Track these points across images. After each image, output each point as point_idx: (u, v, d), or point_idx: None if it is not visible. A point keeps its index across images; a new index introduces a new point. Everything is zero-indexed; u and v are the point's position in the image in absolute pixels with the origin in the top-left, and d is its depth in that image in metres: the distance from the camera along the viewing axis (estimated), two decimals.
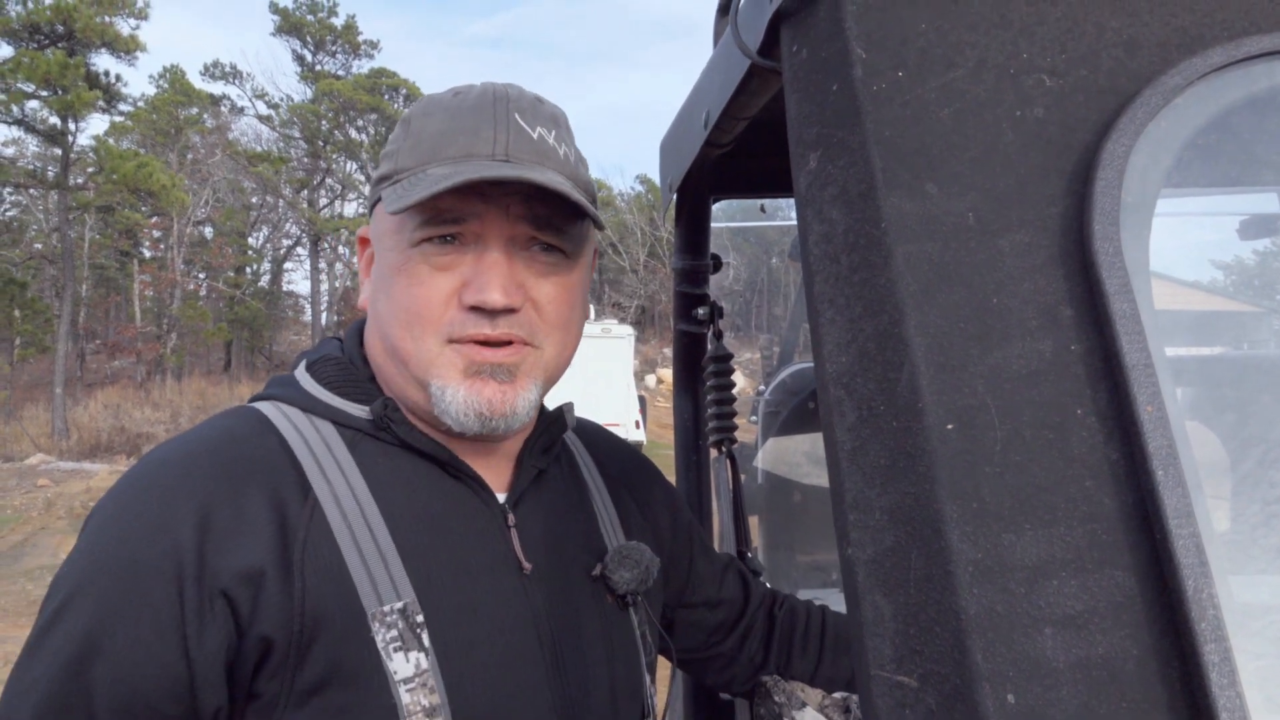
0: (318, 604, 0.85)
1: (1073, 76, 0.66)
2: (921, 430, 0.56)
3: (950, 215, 0.61)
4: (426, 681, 0.86)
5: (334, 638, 0.84)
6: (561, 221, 0.95)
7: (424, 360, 0.93)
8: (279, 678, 0.83)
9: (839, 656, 1.29)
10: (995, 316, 0.59)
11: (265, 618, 0.83)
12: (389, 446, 0.96)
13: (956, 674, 0.51)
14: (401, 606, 0.87)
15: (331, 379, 0.99)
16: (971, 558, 0.52)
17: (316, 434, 0.94)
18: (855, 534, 0.59)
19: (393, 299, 0.94)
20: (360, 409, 0.96)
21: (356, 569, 0.87)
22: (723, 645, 1.29)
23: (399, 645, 0.86)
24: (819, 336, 0.66)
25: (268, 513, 0.86)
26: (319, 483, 0.90)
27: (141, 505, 0.85)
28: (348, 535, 0.88)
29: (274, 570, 0.84)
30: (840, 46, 0.68)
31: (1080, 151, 0.63)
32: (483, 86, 0.97)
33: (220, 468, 0.87)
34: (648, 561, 1.07)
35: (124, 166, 21.46)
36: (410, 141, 0.94)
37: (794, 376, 1.98)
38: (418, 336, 0.93)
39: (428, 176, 0.90)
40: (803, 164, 0.70)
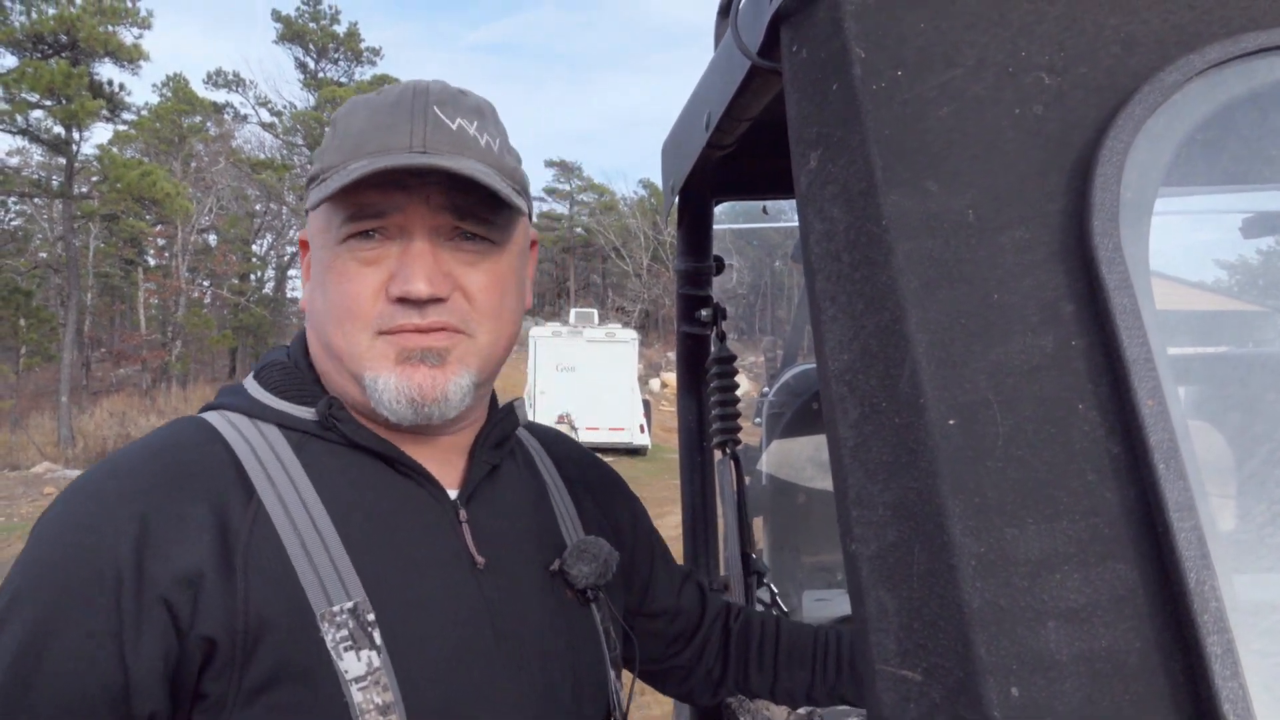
0: (261, 604, 0.85)
1: (1071, 74, 0.66)
2: (924, 426, 0.56)
3: (950, 212, 0.62)
4: (379, 679, 0.86)
5: (280, 637, 0.85)
6: (485, 210, 0.95)
7: (356, 354, 0.94)
8: (225, 678, 0.84)
9: (795, 669, 1.29)
10: (996, 312, 0.59)
11: (206, 619, 0.83)
12: (335, 446, 0.96)
13: (960, 668, 0.51)
14: (351, 606, 0.87)
15: (277, 383, 0.99)
16: (974, 552, 0.53)
17: (262, 438, 0.94)
18: (858, 530, 0.59)
19: (326, 297, 0.95)
20: (305, 410, 0.97)
21: (303, 569, 0.87)
22: (680, 657, 1.30)
23: (350, 644, 0.86)
24: (821, 334, 0.66)
25: (208, 517, 0.87)
26: (263, 485, 0.90)
27: (82, 514, 0.86)
28: (294, 536, 0.89)
29: (214, 572, 0.84)
30: (839, 46, 0.68)
31: (1079, 149, 0.63)
32: (404, 83, 0.99)
33: (161, 476, 0.88)
34: (606, 555, 1.08)
35: (128, 175, 21.52)
36: (336, 140, 0.95)
37: (797, 378, 1.98)
38: (349, 332, 0.94)
39: (348, 171, 0.91)
40: (803, 163, 0.71)
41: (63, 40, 21.64)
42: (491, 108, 1.02)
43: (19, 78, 20.56)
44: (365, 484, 0.95)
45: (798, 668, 1.29)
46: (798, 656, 1.29)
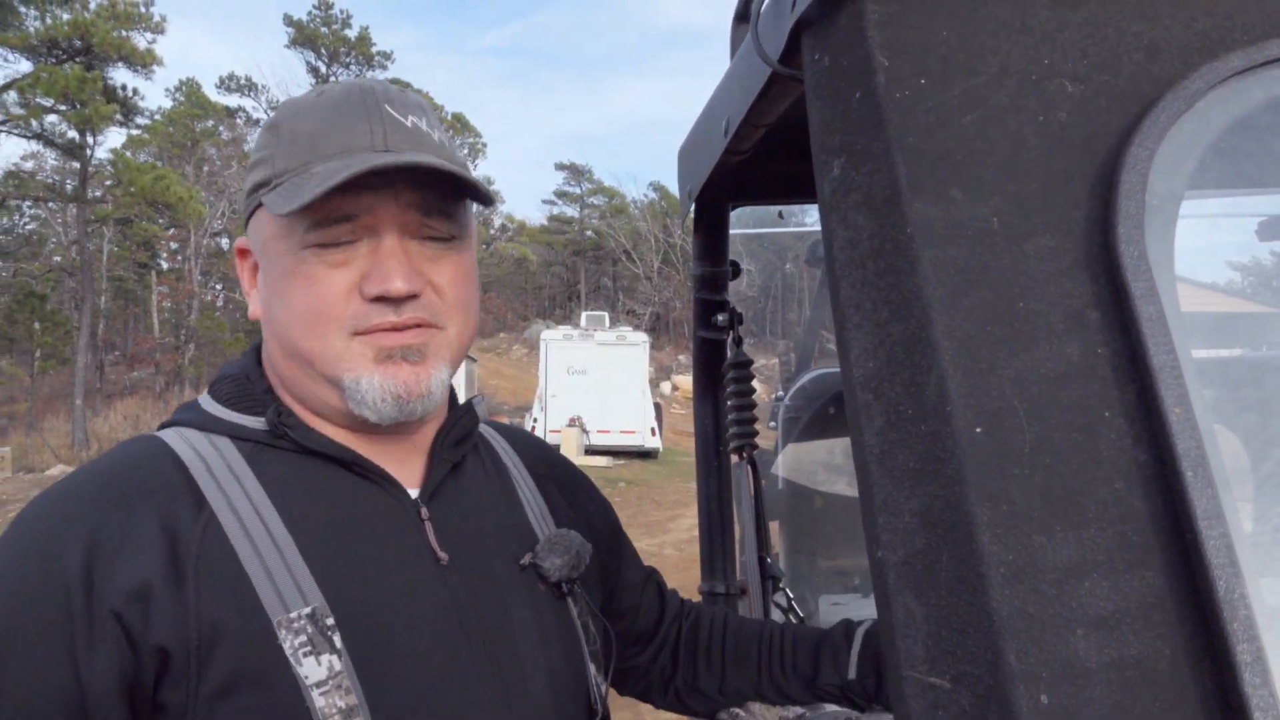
0: (214, 612, 0.85)
1: (1094, 82, 0.66)
2: (950, 433, 0.56)
3: (975, 220, 0.62)
4: (341, 683, 0.86)
5: (235, 644, 0.85)
6: (448, 205, 0.96)
7: (331, 357, 0.93)
8: (182, 687, 0.85)
9: (740, 669, 1.29)
10: (1022, 320, 0.59)
11: (158, 630, 0.84)
12: (287, 454, 0.96)
13: (990, 675, 0.51)
14: (309, 611, 0.88)
15: (228, 396, 1.00)
16: (1003, 559, 0.53)
17: (214, 450, 0.95)
18: (885, 536, 0.59)
19: (290, 303, 0.94)
20: (256, 420, 0.97)
21: (258, 577, 0.88)
22: (639, 658, 1.30)
23: (309, 650, 0.86)
24: (846, 341, 0.66)
25: (156, 530, 0.87)
26: (214, 496, 0.90)
27: (32, 534, 0.87)
28: (247, 544, 0.89)
29: (162, 583, 0.85)
30: (862, 54, 0.68)
31: (1103, 156, 0.63)
32: (345, 83, 0.99)
33: (109, 493, 0.89)
34: (578, 547, 1.08)
35: (142, 179, 21.63)
36: (284, 145, 0.95)
37: (814, 382, 1.98)
38: (322, 335, 0.93)
39: (314, 175, 0.90)
40: (826, 171, 0.71)
41: (77, 45, 21.77)
42: (429, 105, 1.03)
43: (34, 83, 20.68)
44: (320, 489, 0.95)
45: (744, 666, 1.29)
46: (742, 656, 1.29)
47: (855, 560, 1.95)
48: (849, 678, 1.23)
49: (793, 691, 1.27)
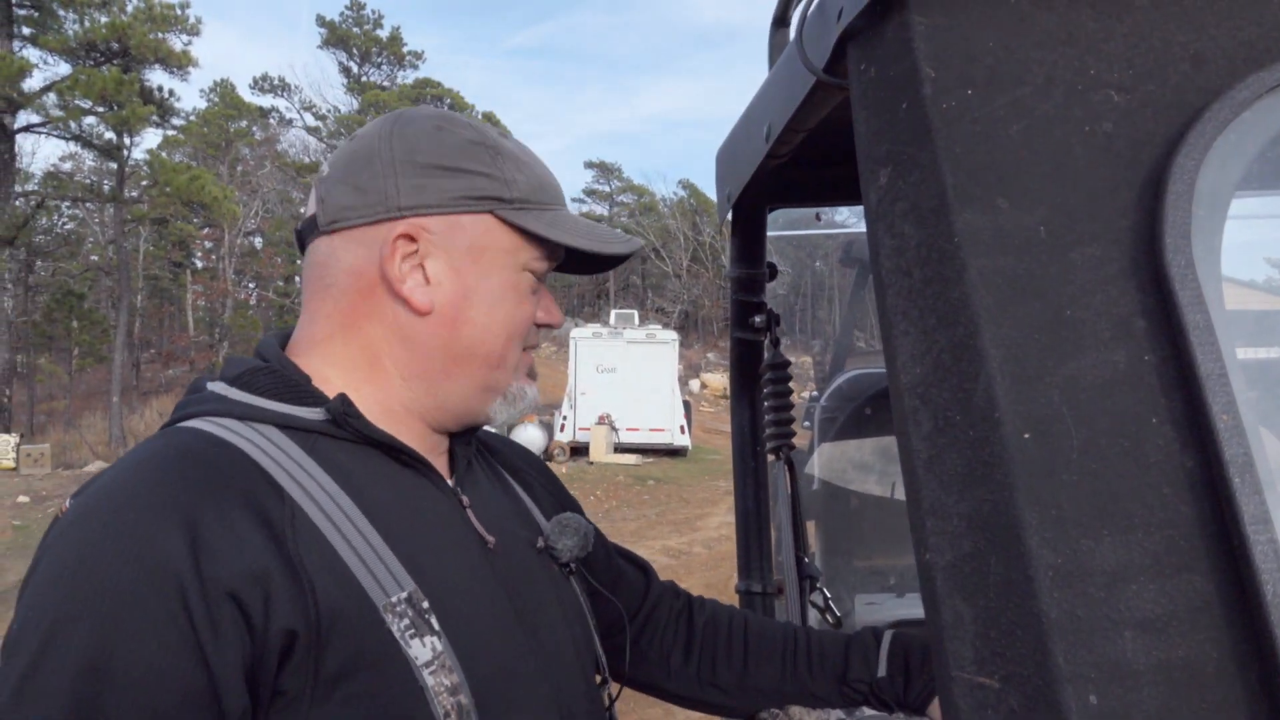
0: (328, 597, 0.86)
1: (1140, 92, 0.67)
2: (999, 439, 0.58)
3: (1022, 229, 0.63)
4: (445, 662, 0.89)
5: (350, 628, 0.86)
6: None
7: (510, 365, 1.06)
8: (303, 671, 0.84)
9: (764, 665, 1.30)
10: (1069, 328, 0.60)
11: (283, 612, 0.83)
12: (344, 444, 0.98)
13: (1039, 675, 0.52)
14: (406, 595, 0.90)
15: (269, 388, 0.99)
16: (1051, 563, 0.54)
17: (266, 440, 0.94)
18: (933, 540, 0.60)
19: (499, 311, 1.03)
20: (311, 410, 0.98)
21: (354, 564, 0.89)
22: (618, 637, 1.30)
23: (413, 632, 0.89)
24: (892, 347, 0.67)
25: (252, 517, 0.86)
26: (289, 484, 0.91)
27: (115, 530, 0.82)
28: (334, 532, 0.90)
29: (278, 568, 0.84)
30: (909, 65, 0.69)
31: (1149, 166, 0.64)
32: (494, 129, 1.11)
33: (188, 479, 0.86)
34: (585, 529, 1.15)
35: (177, 179, 21.91)
36: (521, 176, 1.04)
37: (850, 382, 1.99)
38: (515, 347, 1.06)
39: (574, 223, 1.06)
40: (873, 180, 0.72)
41: (114, 48, 22.09)
42: None
43: (72, 85, 21.00)
44: (380, 477, 0.98)
45: (766, 662, 1.30)
46: (766, 652, 1.31)
47: (892, 560, 1.96)
48: (879, 675, 1.24)
49: (818, 689, 1.28)
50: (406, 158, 1.03)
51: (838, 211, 2.70)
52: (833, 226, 2.80)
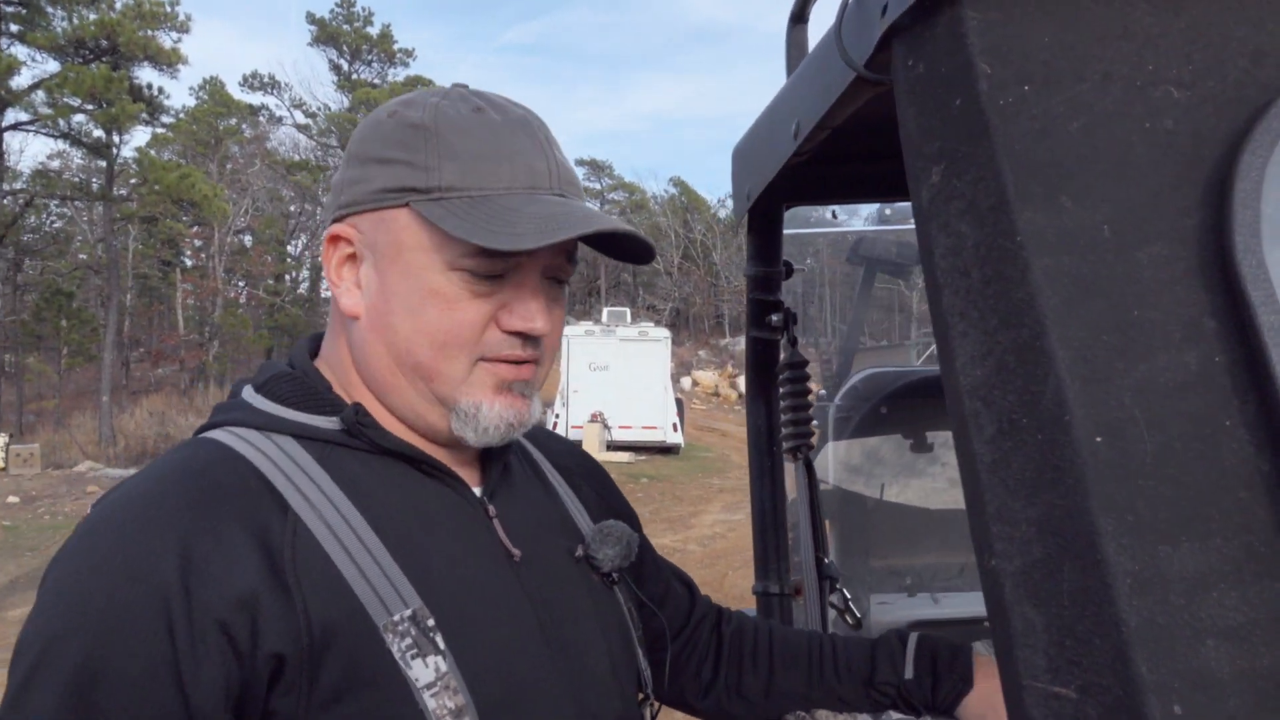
0: (323, 615, 0.84)
1: (1200, 88, 0.66)
2: (1070, 443, 0.56)
3: (1086, 228, 0.62)
4: (449, 684, 0.86)
5: (345, 649, 0.84)
6: (575, 251, 0.99)
7: (453, 379, 0.94)
8: (294, 693, 0.83)
9: (790, 671, 1.29)
10: (1137, 329, 0.59)
11: (271, 636, 0.82)
12: (360, 453, 0.95)
13: (1119, 685, 0.51)
14: (410, 613, 0.87)
15: (289, 396, 0.97)
16: (1129, 570, 0.53)
17: (280, 451, 0.92)
18: (1000, 545, 0.59)
19: (421, 319, 0.93)
20: (327, 420, 0.96)
21: (355, 580, 0.86)
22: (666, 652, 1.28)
23: (415, 652, 0.86)
24: (949, 348, 0.66)
25: (247, 536, 0.84)
26: (295, 498, 0.89)
27: (113, 546, 0.82)
28: (337, 547, 0.87)
29: (268, 589, 0.83)
30: (962, 61, 0.68)
31: (1212, 163, 0.63)
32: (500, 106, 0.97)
33: (189, 498, 0.85)
34: (629, 538, 1.09)
35: (167, 178, 21.82)
36: (449, 158, 0.92)
37: (865, 382, 1.98)
38: (451, 357, 0.94)
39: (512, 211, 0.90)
40: (924, 178, 0.71)
41: (103, 45, 21.97)
42: None
43: (61, 82, 20.90)
44: (396, 487, 0.95)
45: (792, 667, 1.29)
46: (792, 658, 1.29)
47: (907, 560, 1.95)
48: (906, 678, 1.23)
49: (845, 693, 1.27)
50: (353, 150, 1.00)
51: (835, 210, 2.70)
52: (822, 225, 2.80)
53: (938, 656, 1.23)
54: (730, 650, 1.31)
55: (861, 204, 1.63)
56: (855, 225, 3.06)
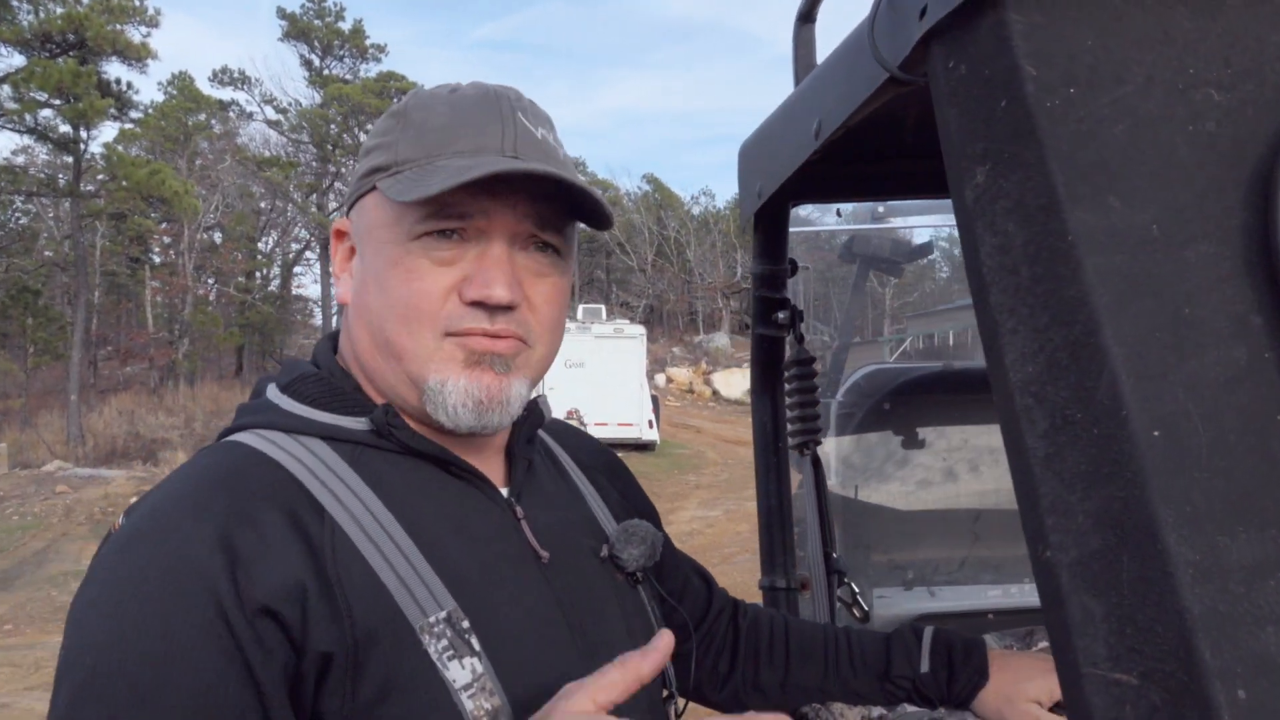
0: (365, 618, 0.84)
1: (1239, 91, 0.67)
2: (1127, 436, 0.58)
3: (1135, 228, 0.63)
4: (485, 685, 0.86)
5: (386, 650, 0.84)
6: (561, 222, 0.96)
7: (421, 355, 0.93)
8: (339, 694, 0.82)
9: (806, 665, 1.30)
10: (1188, 326, 0.61)
11: (319, 633, 0.82)
12: (389, 455, 0.95)
13: (1183, 671, 0.53)
14: (445, 615, 0.87)
15: (316, 396, 0.97)
16: (1189, 559, 0.54)
17: (310, 454, 0.92)
18: (1055, 537, 0.60)
19: (388, 293, 0.93)
20: (356, 421, 0.95)
21: (392, 583, 0.86)
22: (684, 645, 1.29)
23: (452, 654, 0.86)
24: (998, 346, 0.68)
25: (290, 535, 0.84)
26: (329, 501, 0.88)
27: (156, 554, 0.81)
28: (373, 550, 0.87)
29: (314, 586, 0.83)
30: (1008, 63, 0.70)
31: (1254, 164, 0.65)
32: (478, 85, 0.98)
33: (227, 498, 0.85)
34: (653, 537, 1.09)
35: (137, 173, 21.55)
36: (410, 134, 0.94)
37: (868, 378, 2.00)
38: (415, 331, 0.92)
39: (440, 168, 0.90)
40: (968, 178, 0.72)
41: (70, 39, 21.66)
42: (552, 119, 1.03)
43: (27, 77, 20.58)
44: (426, 489, 0.95)
45: (808, 661, 1.30)
46: (808, 652, 1.31)
47: (909, 554, 1.97)
48: (922, 671, 1.25)
49: (860, 687, 1.28)
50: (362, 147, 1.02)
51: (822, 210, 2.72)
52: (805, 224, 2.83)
53: (953, 650, 1.25)
54: (747, 643, 1.32)
55: (866, 202, 1.65)
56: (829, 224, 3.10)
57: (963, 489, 1.93)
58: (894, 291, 24.30)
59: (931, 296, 27.31)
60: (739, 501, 15.12)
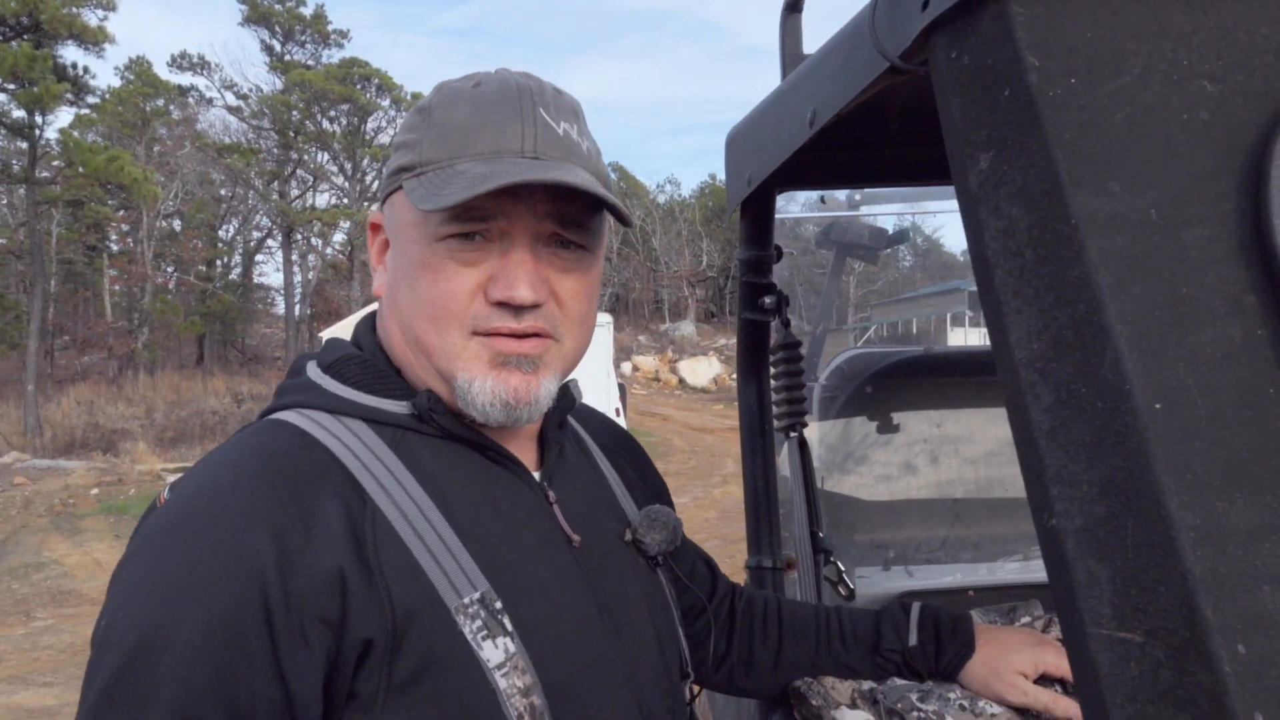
0: (404, 600, 0.86)
1: (1231, 82, 0.71)
2: (1130, 410, 0.61)
3: (1134, 211, 0.67)
4: (517, 664, 0.89)
5: (423, 632, 0.86)
6: (584, 218, 0.98)
7: (449, 353, 0.95)
8: (377, 675, 0.84)
9: (799, 641, 1.34)
10: (1186, 304, 0.64)
11: (359, 620, 0.83)
12: (430, 439, 0.97)
13: (1186, 628, 0.56)
14: (479, 596, 0.89)
15: (359, 379, 0.99)
16: (1191, 524, 0.58)
17: (353, 436, 0.94)
18: (1061, 506, 0.64)
19: (416, 293, 0.95)
20: (398, 405, 0.97)
21: (429, 565, 0.89)
22: (691, 627, 1.34)
23: (485, 633, 0.88)
24: (1003, 325, 0.71)
25: (335, 517, 0.86)
26: (370, 484, 0.90)
27: (208, 536, 0.83)
28: (411, 533, 0.89)
29: (355, 571, 0.85)
30: (1010, 54, 0.72)
31: (1246, 151, 0.68)
32: (501, 76, 0.99)
33: (277, 484, 0.87)
34: (674, 523, 1.13)
35: (94, 160, 21.17)
36: (433, 133, 0.95)
37: (850, 362, 2.04)
38: (442, 330, 0.95)
39: (460, 174, 0.91)
40: (971, 164, 0.75)
41: (25, 22, 21.20)
42: (580, 106, 1.03)
43: None
44: (463, 473, 0.97)
45: (801, 638, 1.34)
46: (800, 629, 1.35)
47: (892, 534, 2.02)
48: (910, 644, 1.29)
49: (852, 661, 1.32)
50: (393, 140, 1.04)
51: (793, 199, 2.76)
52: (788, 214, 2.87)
53: (940, 624, 1.29)
54: (742, 623, 1.35)
55: (852, 189, 1.69)
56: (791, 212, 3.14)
57: (943, 470, 1.98)
58: (857, 280, 24.27)
59: (895, 285, 27.48)
60: (706, 489, 15.20)
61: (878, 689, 1.29)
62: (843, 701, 1.29)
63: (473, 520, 0.94)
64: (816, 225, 3.10)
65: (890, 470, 2.01)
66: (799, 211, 3.01)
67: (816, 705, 1.28)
